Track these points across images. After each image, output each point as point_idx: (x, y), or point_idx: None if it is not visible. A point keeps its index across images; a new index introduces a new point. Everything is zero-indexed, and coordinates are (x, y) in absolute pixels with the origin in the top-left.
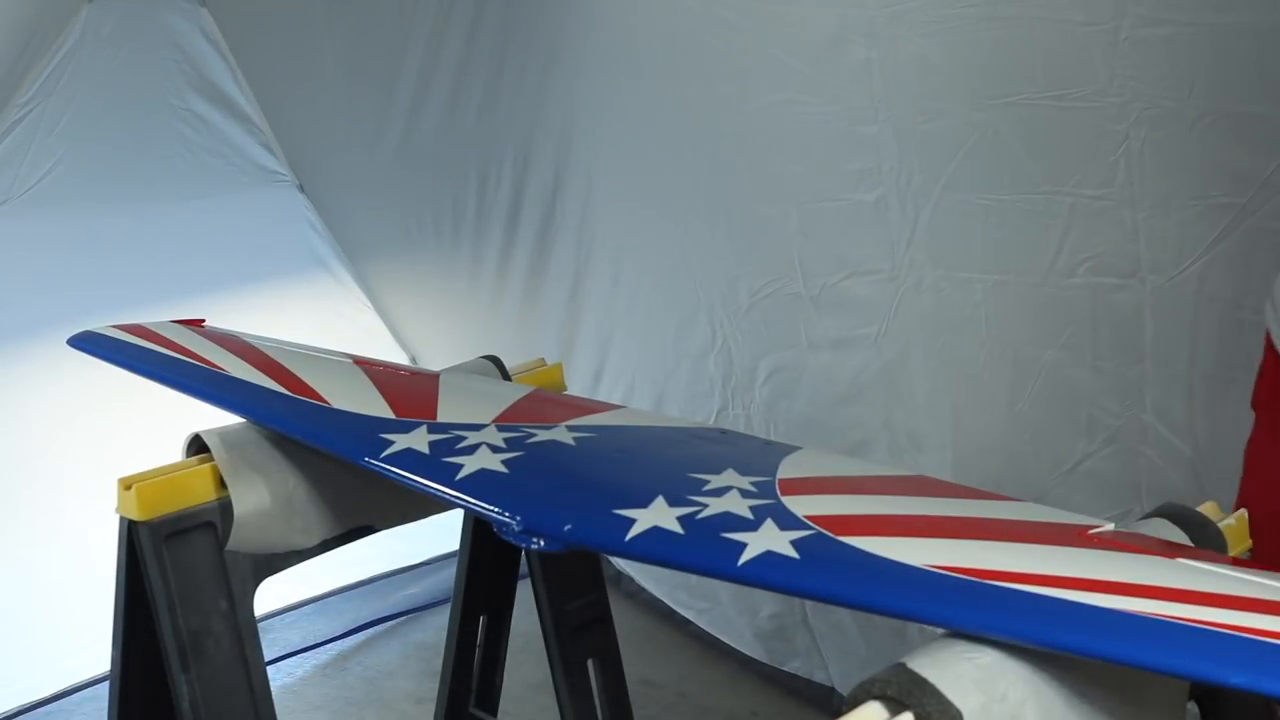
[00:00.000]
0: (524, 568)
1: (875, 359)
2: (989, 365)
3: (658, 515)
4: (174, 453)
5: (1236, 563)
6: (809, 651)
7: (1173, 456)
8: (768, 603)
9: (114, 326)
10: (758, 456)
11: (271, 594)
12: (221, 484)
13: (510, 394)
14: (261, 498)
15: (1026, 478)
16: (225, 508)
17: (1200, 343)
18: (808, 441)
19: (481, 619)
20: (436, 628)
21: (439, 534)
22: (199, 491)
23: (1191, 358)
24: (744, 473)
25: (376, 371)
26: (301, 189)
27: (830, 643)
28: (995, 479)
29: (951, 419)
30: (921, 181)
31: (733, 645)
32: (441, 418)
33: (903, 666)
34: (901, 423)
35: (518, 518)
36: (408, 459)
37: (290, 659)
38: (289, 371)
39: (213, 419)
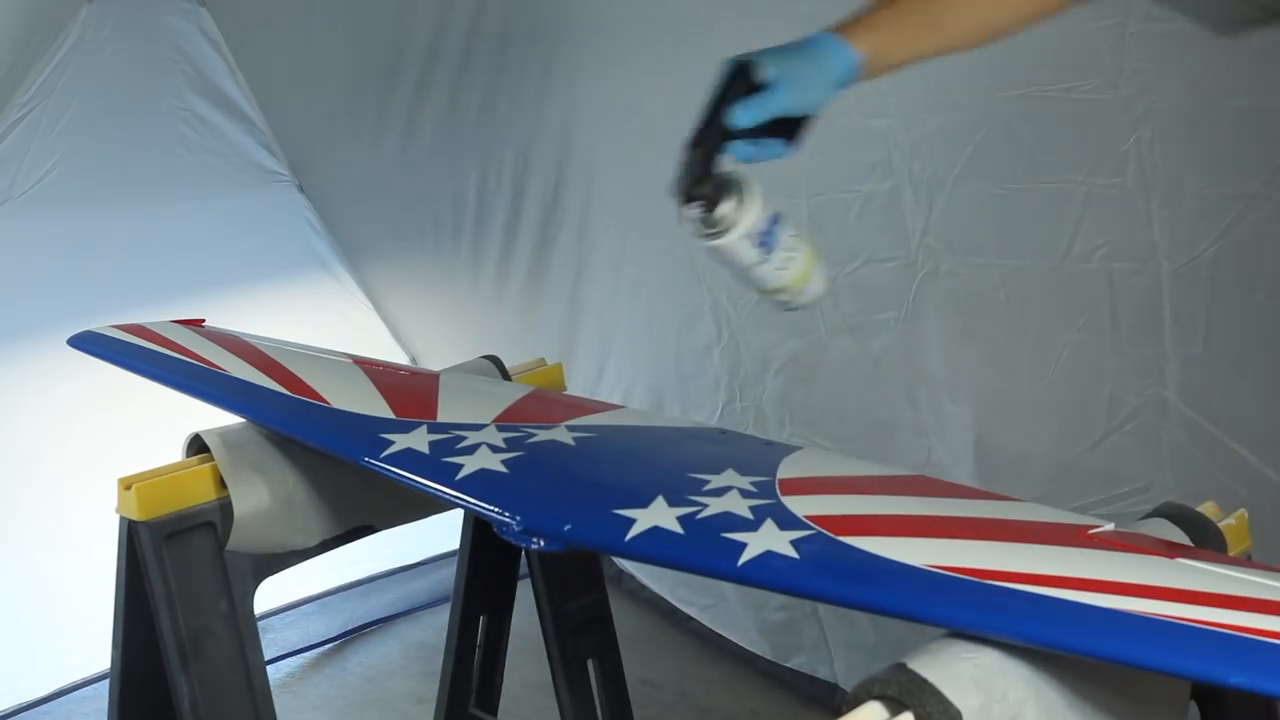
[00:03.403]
0: (524, 568)
1: (897, 342)
2: (1009, 348)
3: (658, 515)
4: (174, 453)
5: (1236, 563)
6: (816, 646)
7: (1194, 433)
8: (776, 596)
9: (114, 326)
10: (758, 456)
11: (271, 594)
12: (221, 484)
13: (510, 394)
14: (261, 498)
15: (1049, 457)
16: (225, 508)
17: (1216, 327)
18: (829, 425)
19: (481, 619)
20: (436, 628)
21: (439, 534)
22: (199, 491)
23: (1207, 341)
24: (744, 473)
25: (376, 371)
26: (301, 189)
27: (839, 636)
28: (1018, 458)
29: (974, 400)
30: (934, 172)
31: (737, 641)
32: (441, 418)
33: (903, 666)
34: (925, 403)
35: (518, 518)
36: (408, 459)
37: (290, 659)
38: (289, 371)
39: (213, 419)
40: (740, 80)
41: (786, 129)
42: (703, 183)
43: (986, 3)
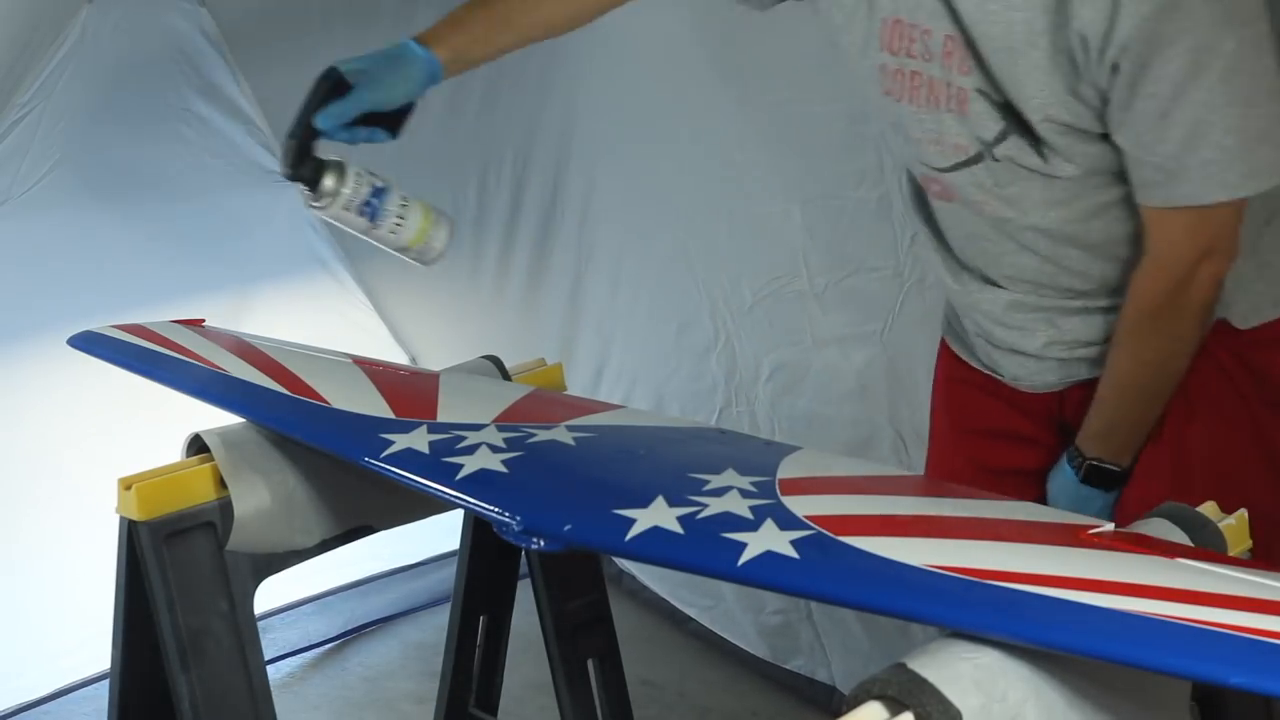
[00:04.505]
0: (524, 568)
1: (880, 355)
2: None
3: (658, 515)
4: (174, 453)
5: (1236, 563)
6: (812, 649)
7: None
8: (772, 599)
9: (114, 326)
10: (758, 456)
11: (271, 594)
12: (221, 484)
13: (510, 394)
14: (261, 498)
15: None
16: (225, 508)
17: None
18: (813, 437)
19: (481, 619)
20: (436, 628)
21: (439, 534)
22: (199, 491)
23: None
24: (744, 473)
25: (376, 371)
26: None
27: (834, 640)
28: None
29: None
30: None
31: (735, 643)
32: (441, 418)
33: (903, 666)
34: (906, 418)
35: (518, 518)
36: (408, 459)
37: (290, 659)
38: (289, 371)
39: (213, 419)
40: (326, 82)
41: (388, 120)
42: (301, 166)
43: (551, 3)
